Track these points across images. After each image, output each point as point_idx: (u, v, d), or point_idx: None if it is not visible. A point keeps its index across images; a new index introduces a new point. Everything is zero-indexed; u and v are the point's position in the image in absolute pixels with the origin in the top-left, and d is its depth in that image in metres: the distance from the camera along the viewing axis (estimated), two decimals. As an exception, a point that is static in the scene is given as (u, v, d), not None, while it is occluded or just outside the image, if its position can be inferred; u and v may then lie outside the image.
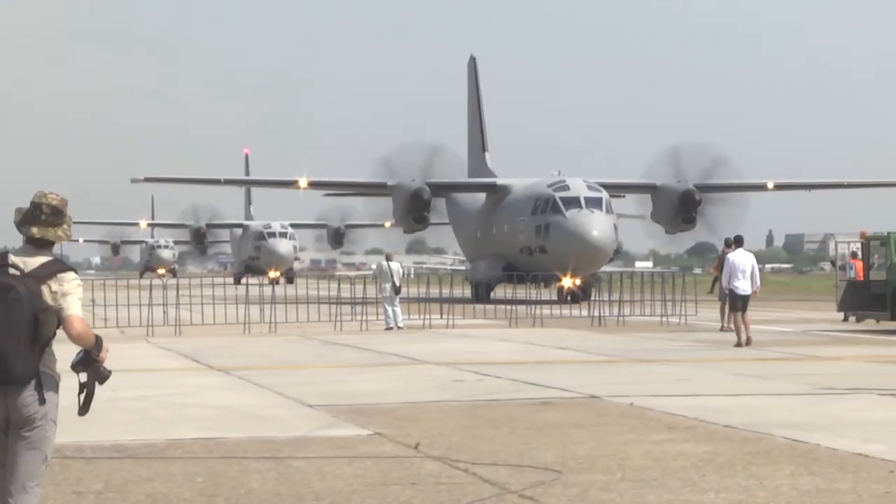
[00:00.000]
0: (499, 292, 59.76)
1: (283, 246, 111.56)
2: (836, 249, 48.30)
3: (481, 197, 67.61)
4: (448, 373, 22.70)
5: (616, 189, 64.89)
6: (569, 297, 54.36)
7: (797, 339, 31.91)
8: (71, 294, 7.63)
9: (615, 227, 59.28)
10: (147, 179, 68.96)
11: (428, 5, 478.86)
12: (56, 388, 7.68)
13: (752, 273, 29.50)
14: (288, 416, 16.63)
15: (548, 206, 58.92)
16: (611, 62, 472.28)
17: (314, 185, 68.72)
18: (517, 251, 60.56)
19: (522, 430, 15.01)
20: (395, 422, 15.78)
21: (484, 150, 74.42)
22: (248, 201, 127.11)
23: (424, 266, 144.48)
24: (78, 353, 7.67)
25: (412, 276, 79.85)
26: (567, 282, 56.82)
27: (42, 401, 7.56)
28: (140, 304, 39.18)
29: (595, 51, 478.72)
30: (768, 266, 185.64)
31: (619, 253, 63.25)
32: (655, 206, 65.30)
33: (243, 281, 54.96)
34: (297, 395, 19.01)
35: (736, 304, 29.41)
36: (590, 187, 59.69)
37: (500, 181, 66.17)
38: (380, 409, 17.15)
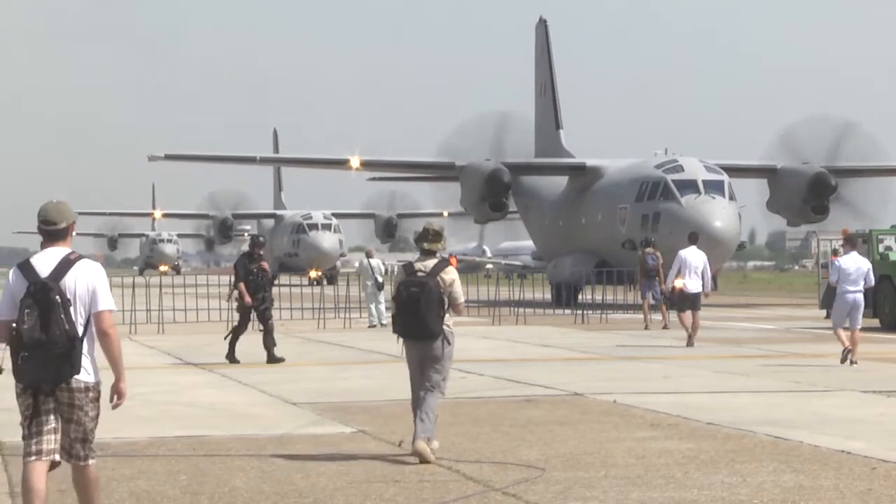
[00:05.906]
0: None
1: (328, 240, 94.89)
2: (818, 247, 48.34)
3: (557, 181, 58.45)
4: (431, 370, 22.66)
5: (727, 172, 52.56)
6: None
7: (779, 337, 31.99)
8: (454, 284, 12.96)
9: (739, 216, 50.26)
10: (168, 157, 59.43)
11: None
12: (451, 340, 13.08)
13: (704, 272, 28.45)
14: (271, 414, 16.64)
15: (657, 191, 49.65)
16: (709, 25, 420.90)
17: (367, 165, 59.08)
18: (615, 245, 50.97)
19: (506, 427, 15.04)
20: (379, 419, 15.80)
21: (558, 127, 63.71)
22: (279, 188, 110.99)
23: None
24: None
25: (395, 272, 78.13)
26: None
27: (445, 346, 12.99)
28: (122, 302, 38.97)
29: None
30: (750, 263, 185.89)
31: (742, 248, 55.82)
32: (775, 192, 55.76)
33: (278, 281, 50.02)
34: (280, 392, 19.00)
35: (683, 303, 28.29)
36: (708, 168, 50.65)
37: (590, 162, 56.12)
38: (363, 406, 17.16)
